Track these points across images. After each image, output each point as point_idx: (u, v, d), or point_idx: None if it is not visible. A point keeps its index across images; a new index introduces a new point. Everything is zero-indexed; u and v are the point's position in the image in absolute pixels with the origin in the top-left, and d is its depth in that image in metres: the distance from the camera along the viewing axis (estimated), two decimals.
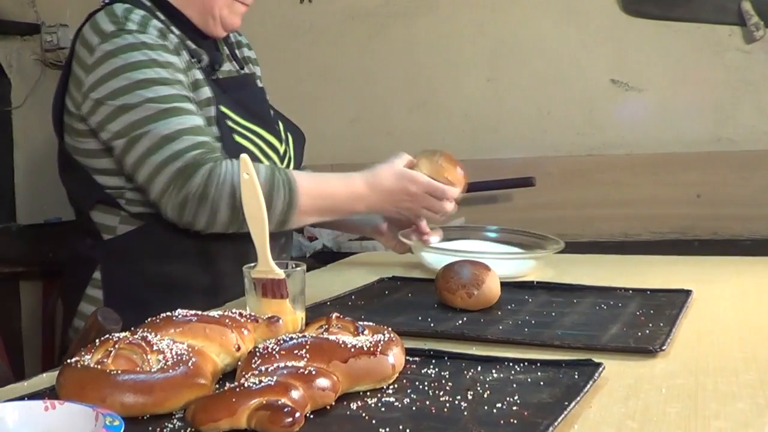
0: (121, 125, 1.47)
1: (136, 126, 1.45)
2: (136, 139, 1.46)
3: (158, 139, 1.44)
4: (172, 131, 1.44)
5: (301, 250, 2.69)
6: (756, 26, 2.65)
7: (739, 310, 1.32)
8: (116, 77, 1.47)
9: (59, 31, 3.31)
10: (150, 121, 1.45)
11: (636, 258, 1.87)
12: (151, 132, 1.44)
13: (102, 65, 1.49)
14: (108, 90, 1.48)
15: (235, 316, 1.03)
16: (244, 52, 1.81)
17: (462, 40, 2.94)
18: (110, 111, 1.48)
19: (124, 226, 1.57)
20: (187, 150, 1.44)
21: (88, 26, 1.55)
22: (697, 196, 2.70)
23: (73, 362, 0.87)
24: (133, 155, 1.47)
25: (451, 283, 1.32)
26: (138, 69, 1.47)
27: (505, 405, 0.84)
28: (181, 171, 1.43)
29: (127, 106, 1.46)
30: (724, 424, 0.82)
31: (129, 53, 1.48)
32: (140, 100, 1.45)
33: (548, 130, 2.87)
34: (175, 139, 1.44)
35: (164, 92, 1.47)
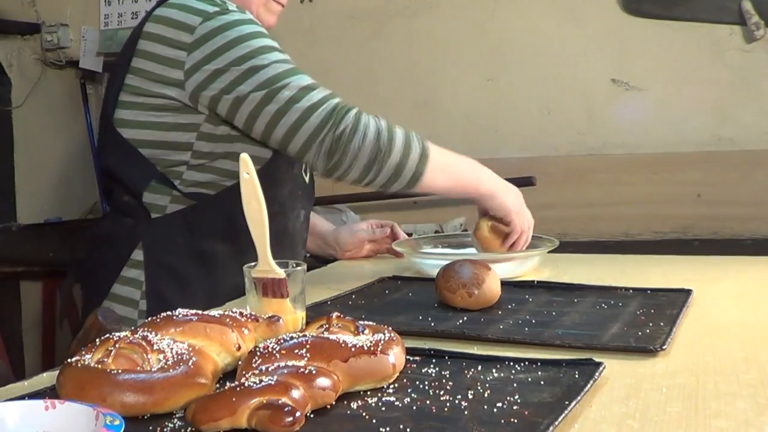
0: (254, 84, 1.50)
1: (273, 81, 1.49)
2: (276, 90, 1.49)
3: (298, 89, 1.49)
4: (309, 83, 1.50)
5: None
6: (756, 26, 2.65)
7: (740, 310, 1.31)
8: (236, 47, 1.51)
9: (59, 30, 3.31)
10: (285, 75, 1.50)
11: (636, 257, 1.87)
12: (291, 83, 1.49)
13: (212, 39, 1.51)
14: (231, 58, 1.50)
15: (235, 316, 1.03)
16: None
17: (462, 39, 2.94)
18: (237, 75, 1.50)
19: (174, 205, 1.60)
20: (331, 96, 1.50)
21: (173, 10, 1.56)
22: (697, 195, 2.70)
23: (74, 362, 0.87)
24: (270, 110, 1.50)
25: (451, 283, 1.32)
26: (256, 38, 1.52)
27: (506, 404, 0.84)
28: (333, 110, 1.48)
29: (256, 66, 1.50)
30: (724, 424, 0.82)
31: (242, 26, 1.53)
32: (268, 61, 1.50)
33: (548, 130, 2.87)
34: (316, 88, 1.50)
35: (285, 57, 1.53)
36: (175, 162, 1.59)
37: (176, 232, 1.60)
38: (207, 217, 1.60)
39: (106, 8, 3.27)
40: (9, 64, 3.37)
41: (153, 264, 1.60)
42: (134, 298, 1.61)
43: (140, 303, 1.60)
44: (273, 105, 1.49)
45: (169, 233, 1.61)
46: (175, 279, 1.59)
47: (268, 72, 1.50)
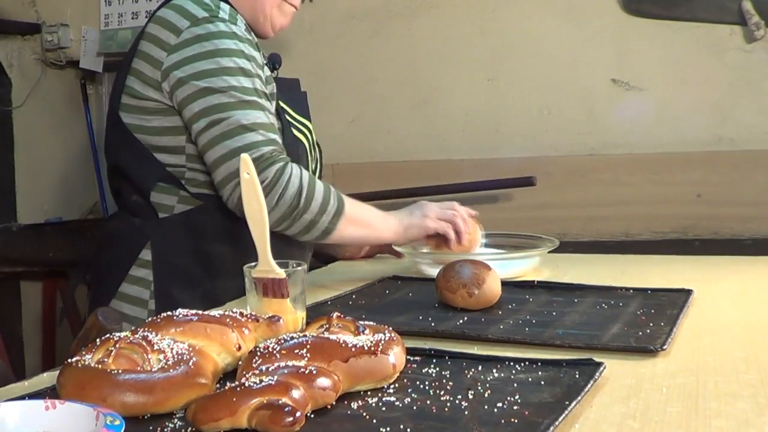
0: (202, 106, 1.52)
1: (218, 109, 1.51)
2: (215, 122, 1.51)
3: (237, 126, 1.50)
4: (251, 122, 1.51)
5: None
6: (756, 26, 2.65)
7: (740, 310, 1.32)
8: (205, 59, 1.52)
9: (60, 30, 3.31)
10: (231, 107, 1.51)
11: (637, 257, 1.87)
12: (231, 118, 1.51)
13: (190, 46, 1.54)
14: (195, 70, 1.52)
15: (235, 316, 1.03)
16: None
17: (462, 39, 2.93)
18: (194, 90, 1.52)
19: (181, 205, 1.61)
20: (263, 144, 1.51)
21: (170, 11, 1.58)
22: (697, 195, 2.69)
23: (74, 362, 0.87)
24: (208, 136, 1.52)
25: (451, 283, 1.32)
26: (227, 56, 1.53)
27: (506, 404, 0.84)
28: (258, 161, 1.49)
29: (211, 88, 1.51)
30: (724, 424, 0.82)
31: (220, 39, 1.54)
32: (225, 85, 1.51)
33: (549, 130, 2.87)
34: (253, 130, 1.51)
35: (247, 84, 1.53)
36: (175, 164, 1.59)
37: (184, 233, 1.61)
38: (214, 217, 1.61)
39: (106, 8, 3.27)
40: (9, 64, 3.37)
41: (161, 263, 1.61)
42: (143, 298, 1.61)
43: (149, 302, 1.60)
44: (208, 133, 1.52)
45: (177, 233, 1.61)
46: (183, 279, 1.60)
47: (219, 98, 1.51)
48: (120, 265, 1.64)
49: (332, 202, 1.55)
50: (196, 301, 1.53)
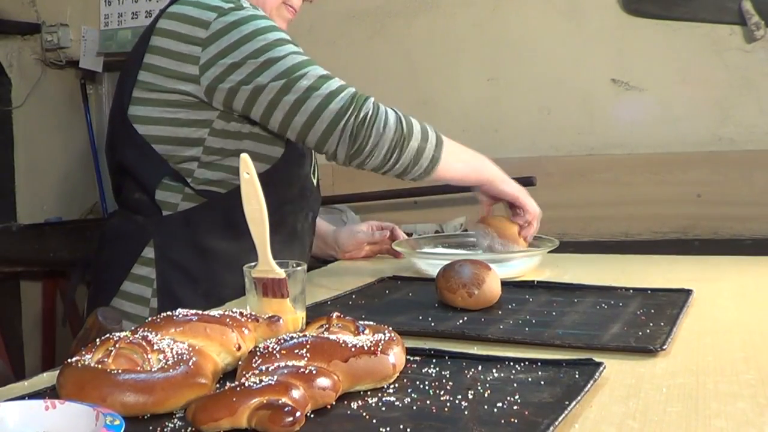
0: (272, 74, 1.51)
1: (291, 71, 1.51)
2: (294, 80, 1.51)
3: (317, 78, 1.51)
4: (327, 73, 1.53)
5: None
6: (756, 26, 2.65)
7: (740, 310, 1.31)
8: (251, 41, 1.52)
9: (59, 30, 3.31)
10: (302, 66, 1.52)
11: (636, 257, 1.86)
12: (309, 72, 1.52)
13: (228, 34, 1.53)
14: (248, 51, 1.52)
15: (235, 316, 1.03)
16: None
17: (462, 39, 2.94)
18: (255, 67, 1.51)
19: (186, 203, 1.61)
20: (349, 85, 1.53)
21: (187, 7, 1.57)
22: (697, 195, 2.69)
23: (74, 362, 0.87)
24: (293, 96, 1.51)
25: (451, 283, 1.32)
26: (271, 31, 1.54)
27: (506, 404, 0.84)
28: (353, 97, 1.51)
29: (273, 58, 1.52)
30: (724, 424, 0.82)
31: (257, 21, 1.54)
32: (285, 53, 1.52)
33: (548, 130, 2.87)
34: (332, 78, 1.53)
35: (300, 50, 1.56)
36: (187, 158, 1.59)
37: (188, 230, 1.60)
38: (218, 215, 1.60)
39: (106, 8, 3.27)
40: (9, 64, 3.37)
41: (164, 262, 1.60)
42: (145, 296, 1.60)
43: (151, 301, 1.60)
44: (292, 94, 1.51)
45: (181, 231, 1.61)
46: (186, 277, 1.59)
47: (285, 63, 1.51)
48: (121, 264, 1.63)
49: (431, 131, 1.57)
50: (198, 299, 1.53)
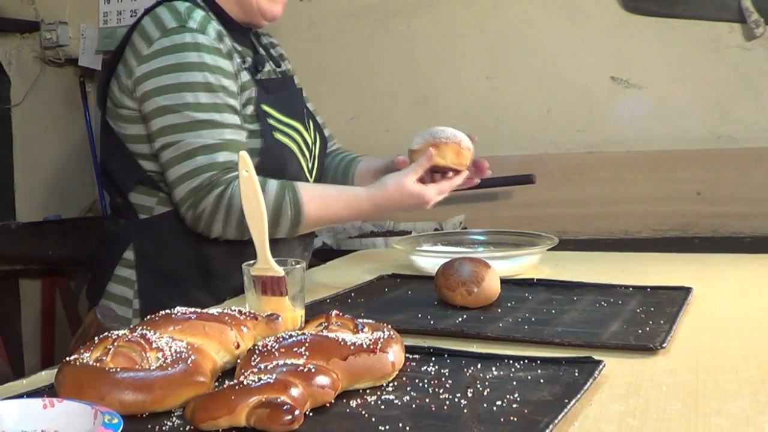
0: (159, 125, 1.54)
1: (170, 131, 1.52)
2: (167, 145, 1.53)
3: (182, 152, 1.51)
4: (197, 146, 1.51)
5: None
6: (756, 23, 2.65)
7: (740, 308, 1.31)
8: (166, 74, 1.53)
9: (58, 28, 3.31)
10: (182, 129, 1.52)
11: (636, 255, 1.86)
12: (181, 142, 1.51)
13: (156, 59, 1.54)
14: (156, 85, 1.53)
15: (234, 314, 1.03)
16: (279, 50, 1.89)
17: (462, 37, 2.93)
18: (153, 108, 1.54)
19: (161, 207, 1.62)
20: (203, 170, 1.50)
21: (148, 18, 1.59)
22: (697, 193, 2.69)
23: (72, 360, 0.87)
24: (164, 157, 1.55)
25: (450, 281, 1.32)
26: (187, 71, 1.53)
27: (505, 402, 0.84)
28: (195, 190, 1.51)
29: (168, 107, 1.52)
30: (724, 422, 0.81)
31: (183, 53, 1.54)
32: (181, 103, 1.52)
33: (548, 128, 2.86)
34: (196, 156, 1.51)
35: (204, 100, 1.53)
36: (154, 169, 1.60)
37: (164, 234, 1.62)
38: None
39: (105, 6, 3.27)
40: (8, 63, 3.36)
41: (144, 264, 1.63)
42: (128, 297, 1.63)
43: (134, 302, 1.62)
44: (164, 155, 1.54)
45: (158, 234, 1.63)
46: (165, 279, 1.62)
47: (174, 118, 1.52)
48: (107, 265, 1.66)
49: (286, 213, 1.51)
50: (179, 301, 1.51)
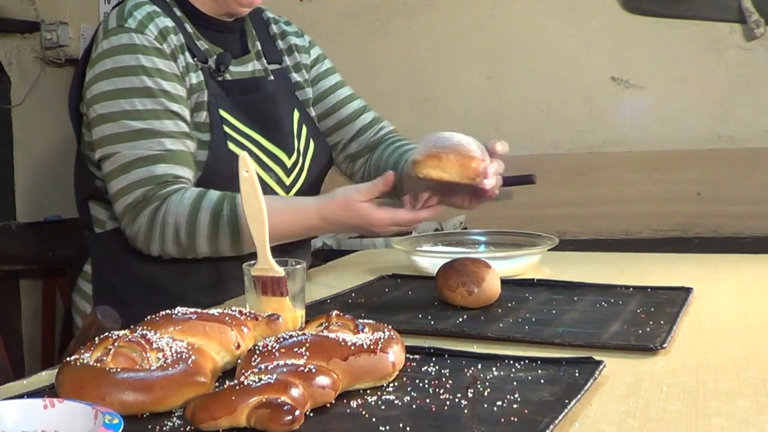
0: (97, 135, 1.46)
1: (107, 142, 1.45)
2: (105, 157, 1.46)
3: (119, 165, 1.44)
4: (133, 159, 1.43)
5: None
6: (756, 23, 2.65)
7: (740, 308, 1.31)
8: (104, 80, 1.46)
9: (59, 28, 3.31)
10: (119, 140, 1.44)
11: (636, 255, 1.86)
12: (116, 155, 1.44)
13: (98, 63, 1.48)
14: (95, 92, 1.46)
15: (234, 314, 1.03)
16: (291, 40, 1.73)
17: (462, 37, 2.93)
18: (93, 116, 1.47)
19: (112, 222, 1.56)
20: (139, 185, 1.43)
21: (105, 18, 1.54)
22: (697, 193, 2.69)
23: (73, 360, 0.87)
24: (103, 171, 1.48)
25: (451, 281, 1.32)
26: (123, 75, 1.45)
27: (506, 403, 0.84)
28: (131, 207, 1.43)
29: (104, 116, 1.45)
30: (725, 422, 0.81)
31: (120, 56, 1.46)
32: (117, 111, 1.44)
33: (548, 128, 2.87)
34: (132, 170, 1.43)
35: (142, 106, 1.44)
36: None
37: (115, 250, 1.55)
38: None
39: (105, 6, 3.27)
40: (8, 63, 3.37)
41: (98, 279, 1.58)
42: (86, 312, 1.57)
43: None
44: (103, 167, 1.47)
45: (110, 250, 1.56)
46: (117, 297, 1.52)
47: (110, 128, 1.44)
48: (73, 277, 1.63)
49: (224, 231, 1.41)
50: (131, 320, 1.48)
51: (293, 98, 1.69)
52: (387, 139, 1.77)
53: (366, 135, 1.76)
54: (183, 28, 1.54)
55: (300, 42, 1.75)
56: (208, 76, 1.53)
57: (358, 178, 1.78)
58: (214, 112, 1.51)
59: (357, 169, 1.78)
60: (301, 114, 1.68)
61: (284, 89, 1.67)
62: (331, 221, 1.43)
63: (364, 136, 1.76)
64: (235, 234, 1.41)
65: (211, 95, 1.52)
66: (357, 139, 1.76)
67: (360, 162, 1.77)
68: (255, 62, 1.64)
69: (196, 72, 1.52)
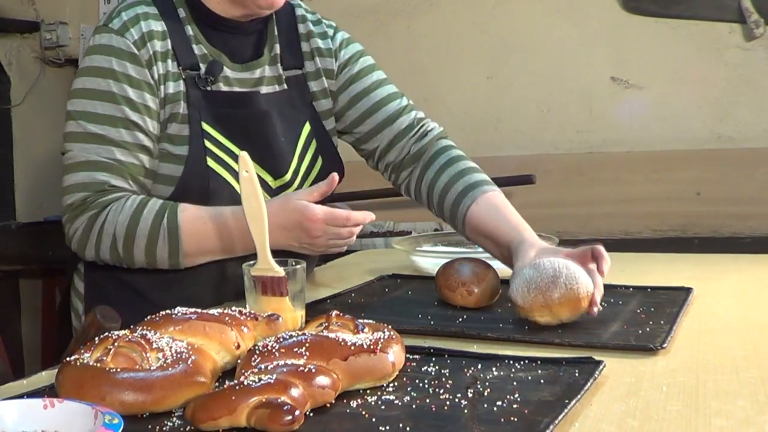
0: (64, 131, 1.45)
1: (67, 139, 1.44)
2: (63, 152, 1.44)
3: (69, 163, 1.42)
4: (81, 161, 1.40)
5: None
6: (756, 24, 2.65)
7: (740, 308, 1.31)
8: (80, 77, 1.45)
9: (59, 28, 3.31)
10: (75, 139, 1.42)
11: (636, 256, 1.86)
12: (69, 153, 1.42)
13: (82, 60, 1.48)
14: (72, 88, 1.46)
15: (234, 314, 1.03)
16: (315, 43, 1.59)
17: (462, 37, 2.93)
18: (66, 111, 1.45)
19: None
20: (79, 188, 1.40)
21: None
22: (696, 193, 2.69)
23: (73, 360, 0.87)
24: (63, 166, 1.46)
25: (451, 281, 1.32)
26: (92, 76, 1.43)
27: (506, 403, 0.84)
28: (69, 208, 1.41)
29: (69, 113, 1.44)
30: (724, 422, 0.81)
31: (96, 55, 1.44)
32: (80, 110, 1.42)
33: (548, 128, 2.87)
34: (77, 171, 1.40)
35: (102, 110, 1.41)
36: None
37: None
38: None
39: (105, 6, 3.27)
40: (8, 63, 3.37)
41: (89, 279, 1.55)
42: (80, 310, 1.56)
43: (82, 318, 1.54)
44: (63, 162, 1.44)
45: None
46: (105, 296, 1.48)
47: (71, 125, 1.42)
48: (70, 277, 1.62)
49: (161, 244, 1.36)
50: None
51: (307, 110, 1.56)
52: (437, 153, 1.57)
53: (406, 141, 1.59)
54: (180, 32, 1.46)
55: (324, 45, 1.60)
56: (193, 86, 1.45)
57: (404, 191, 1.64)
58: (195, 125, 1.43)
59: (401, 182, 1.62)
60: (313, 127, 1.56)
61: (298, 99, 1.56)
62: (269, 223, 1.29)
63: (402, 142, 1.59)
64: (173, 246, 1.37)
65: (194, 107, 1.44)
66: (395, 146, 1.60)
67: (404, 175, 1.61)
68: (267, 68, 1.53)
69: (176, 81, 1.44)
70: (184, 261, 1.39)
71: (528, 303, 1.16)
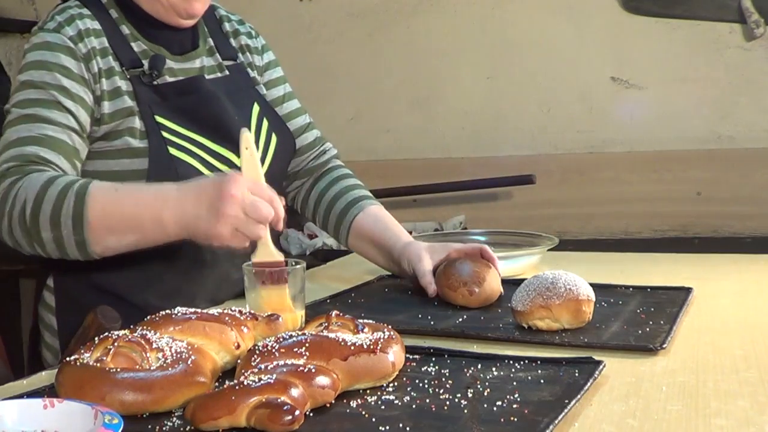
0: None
1: (3, 129, 1.42)
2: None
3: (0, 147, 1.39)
4: (11, 140, 1.37)
5: (300, 247, 2.69)
6: (756, 24, 2.65)
7: (740, 308, 1.31)
8: (17, 76, 1.46)
9: None
10: (7, 126, 1.41)
11: (636, 256, 1.86)
12: (0, 140, 1.40)
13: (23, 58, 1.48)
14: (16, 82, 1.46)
15: (234, 314, 1.03)
16: (243, 40, 1.65)
17: (462, 37, 2.93)
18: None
19: None
20: (5, 161, 1.36)
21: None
22: (697, 193, 2.69)
23: (72, 360, 0.87)
24: None
25: (452, 281, 1.32)
26: (27, 71, 1.43)
27: (506, 403, 0.84)
28: None
29: (6, 109, 1.43)
30: (724, 422, 0.81)
31: (31, 53, 1.45)
32: (13, 102, 1.42)
33: (548, 128, 2.87)
34: (8, 150, 1.37)
35: (33, 96, 1.40)
36: None
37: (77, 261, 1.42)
38: None
39: None
40: (8, 63, 3.37)
41: (60, 291, 1.51)
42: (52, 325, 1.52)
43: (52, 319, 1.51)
44: None
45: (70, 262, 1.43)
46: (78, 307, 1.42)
47: (7, 117, 1.41)
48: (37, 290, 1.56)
49: (66, 208, 1.27)
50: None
51: (253, 91, 1.61)
52: (330, 169, 1.68)
53: (306, 156, 1.68)
54: (115, 30, 1.48)
55: (252, 43, 1.66)
56: (139, 83, 1.45)
57: (290, 200, 1.71)
58: (149, 120, 1.43)
59: (289, 191, 1.70)
60: (262, 107, 1.59)
61: (243, 83, 1.60)
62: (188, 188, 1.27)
63: (303, 157, 1.67)
64: (78, 221, 1.28)
65: (144, 103, 1.44)
66: (295, 159, 1.66)
67: (295, 184, 1.70)
68: (205, 58, 1.56)
69: (120, 78, 1.44)
70: (90, 235, 1.28)
71: (528, 307, 1.17)
